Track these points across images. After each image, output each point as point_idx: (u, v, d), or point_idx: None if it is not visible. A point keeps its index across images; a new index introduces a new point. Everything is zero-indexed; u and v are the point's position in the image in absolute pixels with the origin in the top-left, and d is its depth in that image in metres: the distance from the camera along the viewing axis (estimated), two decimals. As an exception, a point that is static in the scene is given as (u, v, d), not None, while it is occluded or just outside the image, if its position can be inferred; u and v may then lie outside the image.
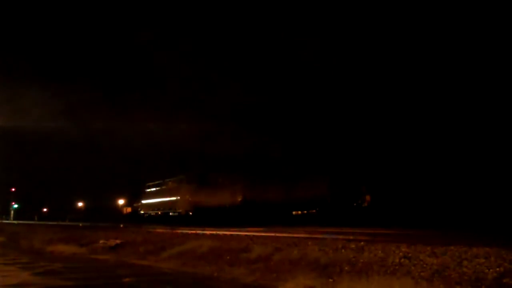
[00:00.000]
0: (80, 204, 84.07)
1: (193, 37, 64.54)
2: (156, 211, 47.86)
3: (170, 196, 44.56)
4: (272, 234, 14.92)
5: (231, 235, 15.59)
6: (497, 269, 6.88)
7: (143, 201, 51.87)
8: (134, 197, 58.75)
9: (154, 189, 49.29)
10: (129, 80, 76.20)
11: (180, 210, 42.45)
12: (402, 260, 8.05)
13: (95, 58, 77.53)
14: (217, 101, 62.71)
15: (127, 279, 9.46)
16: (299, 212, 33.45)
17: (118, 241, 16.11)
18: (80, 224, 41.15)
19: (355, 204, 30.72)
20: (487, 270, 6.89)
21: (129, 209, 64.54)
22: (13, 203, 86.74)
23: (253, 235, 14.43)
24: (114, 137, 72.27)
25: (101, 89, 79.37)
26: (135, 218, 51.63)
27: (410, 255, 8.22)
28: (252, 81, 59.97)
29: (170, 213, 44.26)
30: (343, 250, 9.33)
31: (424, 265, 7.58)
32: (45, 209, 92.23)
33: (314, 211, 32.39)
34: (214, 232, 17.27)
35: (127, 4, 69.30)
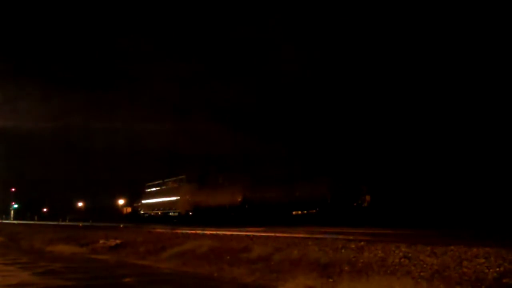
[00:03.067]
0: (80, 204, 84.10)
1: (190, 37, 64.54)
2: (156, 211, 47.87)
3: (170, 196, 44.57)
4: (272, 234, 14.89)
5: (231, 235, 15.57)
6: (497, 269, 6.88)
7: (143, 201, 51.88)
8: (134, 197, 58.78)
9: (154, 189, 49.32)
10: (129, 80, 76.19)
11: (180, 210, 42.45)
12: (402, 260, 8.05)
13: (94, 59, 77.53)
14: (217, 102, 62.73)
15: (127, 279, 9.45)
16: (299, 212, 33.40)
17: (118, 241, 16.10)
18: (80, 224, 41.14)
19: (355, 204, 30.69)
20: (487, 270, 6.89)
21: (129, 209, 64.57)
22: (13, 203, 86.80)
23: (253, 235, 14.41)
24: (114, 137, 72.29)
25: (100, 89, 79.42)
26: (135, 218, 51.65)
27: (410, 255, 8.21)
28: (252, 81, 59.97)
29: (170, 213, 44.27)
30: (343, 250, 9.33)
31: (424, 265, 7.58)
32: (45, 209, 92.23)
33: (314, 211, 32.36)
34: (214, 232, 17.25)
35: (111, 5, 69.40)
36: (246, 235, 14.64)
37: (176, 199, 43.32)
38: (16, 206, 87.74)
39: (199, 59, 66.89)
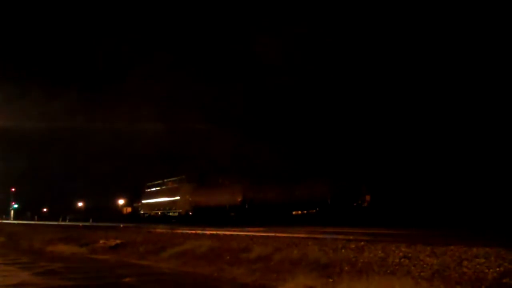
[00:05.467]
0: (80, 204, 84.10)
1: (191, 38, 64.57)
2: (156, 211, 47.88)
3: (170, 196, 44.57)
4: (272, 234, 14.90)
5: (231, 235, 15.59)
6: (497, 269, 6.88)
7: (143, 201, 51.90)
8: (134, 197, 58.78)
9: (154, 189, 49.32)
10: (128, 81, 76.16)
11: (180, 210, 42.45)
12: (402, 260, 8.05)
13: (92, 59, 77.59)
14: (217, 102, 62.74)
15: (127, 279, 9.45)
16: (299, 212, 33.44)
17: (118, 241, 16.10)
18: (80, 224, 41.13)
19: (355, 204, 30.73)
20: (487, 270, 6.89)
21: (129, 209, 64.57)
22: (13, 203, 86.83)
23: (253, 235, 14.42)
24: (114, 137, 72.28)
25: (100, 90, 79.41)
26: (135, 218, 51.64)
27: (410, 255, 8.22)
28: (250, 81, 59.97)
29: (170, 213, 44.28)
30: (343, 250, 9.33)
31: (424, 265, 7.58)
32: (45, 209, 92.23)
33: (314, 211, 32.40)
34: (214, 232, 17.25)
35: (107, 6, 69.59)
36: (246, 235, 14.65)
37: (176, 199, 43.32)
38: (16, 206, 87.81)
39: (198, 61, 66.98)
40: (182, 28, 67.83)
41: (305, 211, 32.99)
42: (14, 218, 79.06)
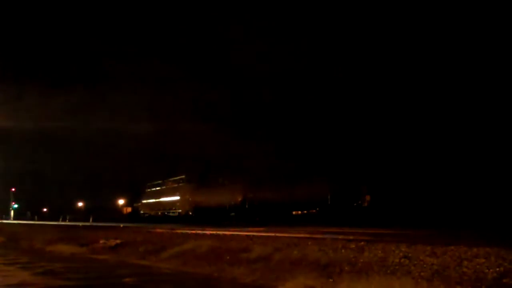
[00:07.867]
0: (80, 204, 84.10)
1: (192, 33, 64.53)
2: (156, 211, 47.94)
3: (170, 196, 44.64)
4: (272, 234, 14.89)
5: (231, 235, 15.58)
6: (497, 269, 6.88)
7: (143, 201, 51.98)
8: (134, 197, 58.83)
9: (154, 189, 49.39)
10: (129, 80, 76.27)
11: (180, 210, 42.52)
12: (402, 260, 8.05)
13: (92, 59, 77.65)
14: (217, 102, 62.77)
15: (127, 279, 9.45)
16: (299, 212, 33.49)
17: (118, 241, 16.09)
18: (80, 224, 41.12)
19: (355, 204, 30.78)
20: (487, 270, 6.89)
21: (129, 209, 64.63)
22: (13, 203, 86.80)
23: (253, 235, 14.41)
24: (114, 137, 72.32)
25: (100, 89, 79.42)
26: (135, 218, 51.69)
27: (410, 255, 8.21)
28: (251, 81, 59.97)
29: (170, 213, 44.33)
30: (343, 250, 9.33)
31: (424, 265, 7.58)
32: (45, 209, 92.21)
33: (314, 211, 32.44)
34: (214, 232, 17.25)
35: (102, 7, 69.80)
36: (246, 235, 14.64)
37: (176, 199, 43.38)
38: (16, 206, 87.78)
39: (198, 60, 67.05)
40: (181, 28, 67.91)
41: (305, 211, 33.04)
42: (14, 218, 79.02)
